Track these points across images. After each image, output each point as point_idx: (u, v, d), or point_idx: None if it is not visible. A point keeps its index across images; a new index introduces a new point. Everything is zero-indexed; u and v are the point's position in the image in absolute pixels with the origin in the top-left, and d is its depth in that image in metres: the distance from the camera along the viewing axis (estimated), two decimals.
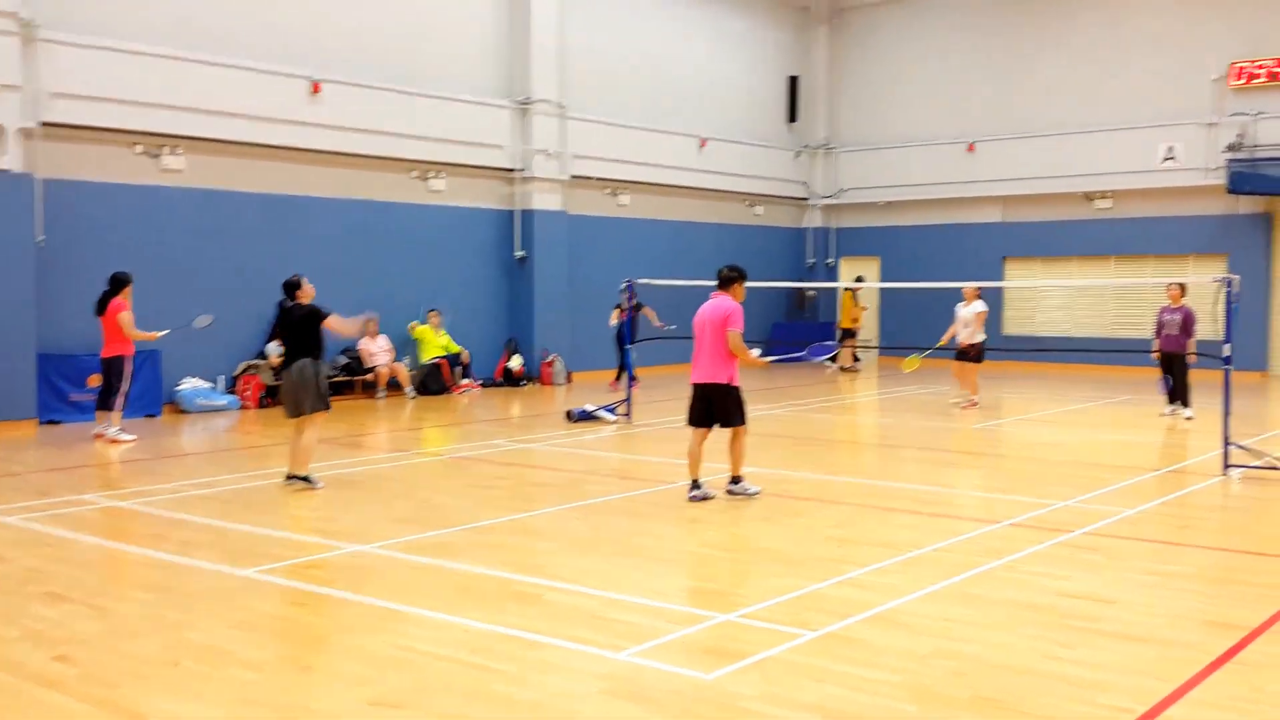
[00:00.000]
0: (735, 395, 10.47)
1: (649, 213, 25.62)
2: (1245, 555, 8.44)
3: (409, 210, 21.11)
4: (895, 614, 6.93)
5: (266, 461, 13.43)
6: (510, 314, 23.03)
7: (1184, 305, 16.57)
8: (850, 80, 29.57)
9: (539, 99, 22.61)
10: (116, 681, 5.90)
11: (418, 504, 10.62)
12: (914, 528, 9.53)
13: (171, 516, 9.98)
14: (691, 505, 10.36)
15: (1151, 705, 5.41)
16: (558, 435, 15.35)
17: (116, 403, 14.62)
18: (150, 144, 17.47)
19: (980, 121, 27.16)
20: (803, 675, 5.90)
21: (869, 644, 6.38)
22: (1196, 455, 13.40)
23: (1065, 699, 5.51)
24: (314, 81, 19.10)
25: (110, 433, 14.57)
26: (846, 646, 6.35)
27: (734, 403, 10.47)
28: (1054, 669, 5.93)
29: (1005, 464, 13.07)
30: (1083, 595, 7.30)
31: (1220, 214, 24.11)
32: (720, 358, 10.38)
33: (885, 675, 5.88)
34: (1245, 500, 10.55)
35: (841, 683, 5.78)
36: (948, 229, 27.69)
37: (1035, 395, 20.64)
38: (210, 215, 18.20)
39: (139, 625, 6.83)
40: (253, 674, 6.00)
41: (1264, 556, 8.40)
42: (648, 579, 7.84)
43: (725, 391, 10.44)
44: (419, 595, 7.46)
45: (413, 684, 5.82)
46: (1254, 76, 23.29)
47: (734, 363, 10.40)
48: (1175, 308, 16.56)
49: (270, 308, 18.77)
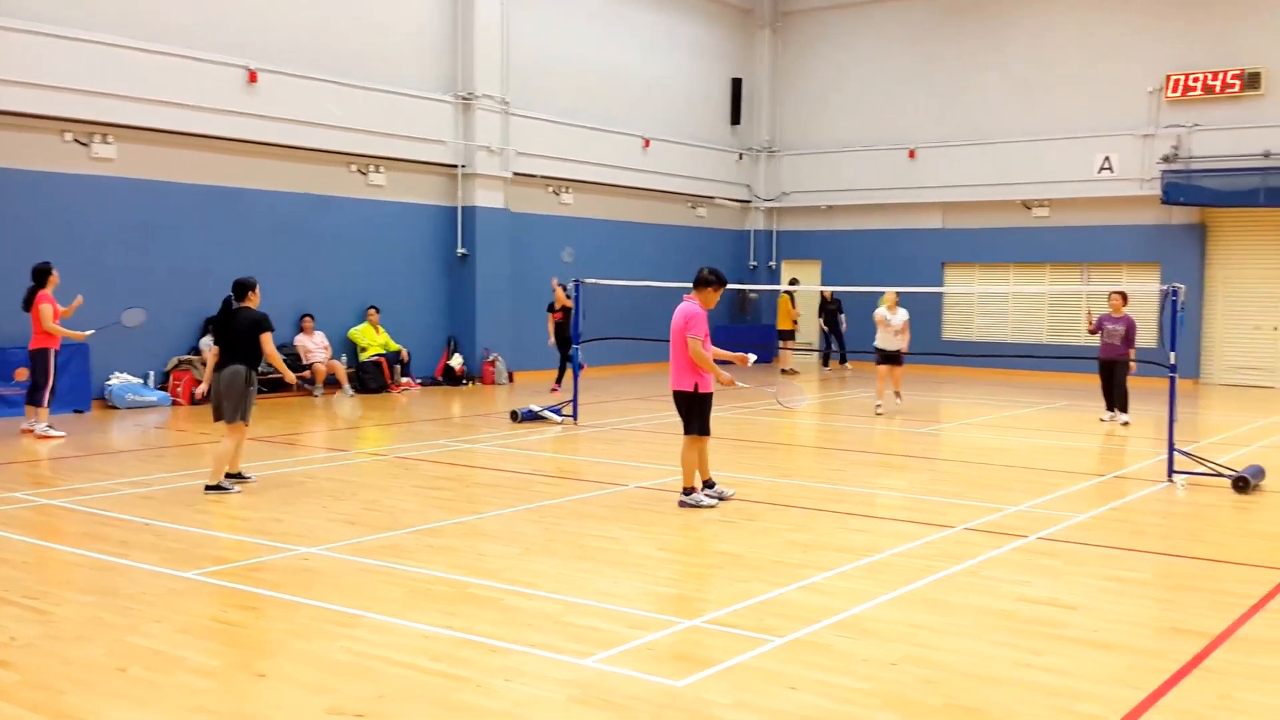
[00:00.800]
0: (698, 402, 10.15)
1: (592, 212, 25.47)
2: (1199, 561, 8.47)
3: (348, 205, 20.77)
4: (861, 620, 6.85)
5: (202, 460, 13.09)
6: (451, 312, 22.75)
7: (1126, 314, 16.83)
8: (793, 84, 29.63)
9: (482, 94, 22.37)
10: (61, 688, 5.64)
11: (363, 505, 10.38)
12: (870, 532, 9.48)
13: (107, 515, 9.67)
14: (646, 509, 10.24)
15: (1125, 713, 5.37)
16: (502, 435, 15.15)
17: (42, 398, 14.27)
18: (80, 131, 17.00)
19: (922, 128, 27.34)
20: (774, 683, 5.79)
21: (837, 650, 6.29)
22: (1139, 461, 13.54)
23: (1041, 707, 5.45)
24: (251, 70, 18.71)
25: (39, 429, 14.20)
26: (815, 653, 6.25)
27: (695, 410, 10.17)
28: (1026, 677, 5.88)
29: (953, 468, 13.08)
30: (1045, 601, 7.27)
31: (1155, 224, 24.46)
32: (682, 363, 10.15)
33: (857, 683, 5.79)
34: (1192, 506, 10.63)
35: (814, 691, 5.68)
36: (888, 234, 27.84)
37: (975, 400, 20.78)
38: (143, 206, 17.76)
39: (81, 629, 6.56)
40: (205, 681, 5.77)
41: (1217, 563, 8.44)
42: (607, 583, 7.69)
43: (689, 398, 10.19)
44: (372, 599, 7.25)
45: (373, 692, 5.63)
46: (1189, 89, 23.65)
47: (699, 369, 10.09)
48: (1118, 317, 16.79)
49: (204, 303, 18.42)
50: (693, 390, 10.14)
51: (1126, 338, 16.66)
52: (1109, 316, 16.91)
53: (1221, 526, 9.88)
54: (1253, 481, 11.07)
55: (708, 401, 10.23)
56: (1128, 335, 16.67)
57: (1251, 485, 11.04)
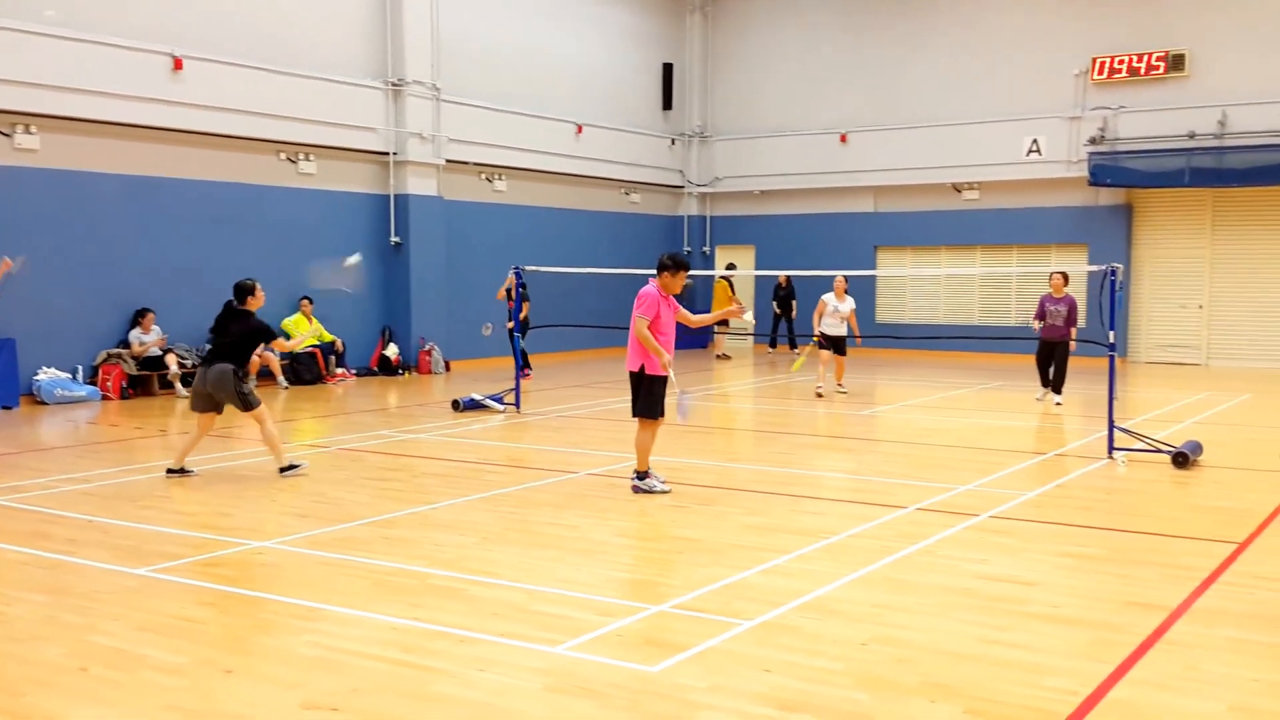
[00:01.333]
0: (648, 384, 10.07)
1: (526, 199, 25.33)
2: (1148, 536, 8.64)
3: (278, 194, 20.46)
4: (826, 601, 6.89)
5: (140, 455, 12.90)
6: (386, 302, 22.53)
7: (1068, 294, 16.84)
8: (724, 69, 29.69)
9: (413, 80, 22.15)
10: (20, 689, 5.51)
11: (311, 498, 10.24)
12: (824, 514, 9.54)
13: (49, 513, 9.45)
14: (600, 495, 10.22)
15: (1095, 686, 5.46)
16: (445, 425, 15.03)
17: None
18: (2, 122, 16.56)
19: (853, 113, 27.54)
20: (747, 665, 5.81)
21: (806, 632, 6.32)
22: (1078, 439, 13.77)
23: (1011, 683, 5.52)
24: (175, 57, 18.34)
25: None
26: (784, 635, 6.28)
27: (645, 392, 10.10)
28: (994, 653, 5.95)
29: (898, 449, 13.20)
30: (1004, 578, 7.37)
31: (1082, 205, 24.89)
32: (634, 345, 10.08)
33: (829, 664, 5.82)
34: (1135, 482, 10.82)
35: (787, 673, 5.70)
36: (821, 218, 28.03)
37: (910, 382, 21.00)
38: (68, 197, 17.36)
39: (37, 628, 6.41)
40: (171, 679, 5.65)
41: (1166, 537, 8.61)
42: (569, 571, 7.67)
43: (638, 379, 10.13)
44: (333, 592, 7.16)
45: (344, 685, 5.56)
46: (1115, 71, 24.04)
47: (647, 352, 10.01)
48: (1059, 297, 16.76)
49: (132, 296, 18.12)
50: (639, 371, 10.06)
51: (1069, 318, 16.70)
52: (1050, 297, 16.85)
53: (1165, 501, 10.09)
54: (1191, 457, 11.31)
55: (658, 384, 10.13)
56: (1070, 315, 16.70)
57: (1190, 461, 11.28)
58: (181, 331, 18.77)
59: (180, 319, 18.74)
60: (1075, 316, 16.84)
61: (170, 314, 18.52)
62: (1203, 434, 13.04)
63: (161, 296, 18.47)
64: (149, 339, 17.98)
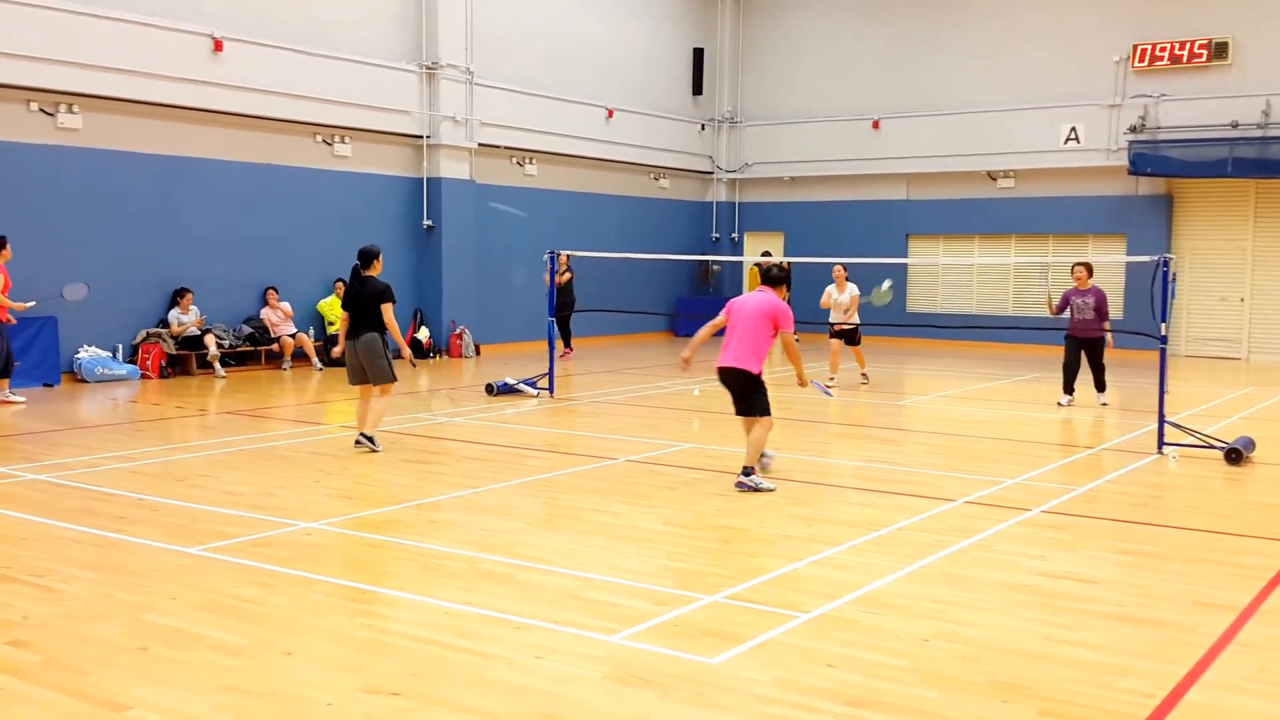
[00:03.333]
0: (761, 386, 10.15)
1: (555, 183, 25.23)
2: (1207, 534, 8.51)
3: (314, 175, 20.42)
4: (883, 595, 6.80)
5: (182, 434, 12.91)
6: (417, 285, 22.48)
7: (1094, 286, 15.55)
8: (755, 54, 29.49)
9: (447, 64, 22.07)
10: (84, 668, 5.47)
11: (354, 479, 10.21)
12: (872, 505, 9.43)
13: (98, 490, 9.45)
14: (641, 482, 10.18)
15: (1170, 689, 5.35)
16: (479, 409, 14.98)
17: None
18: (46, 101, 16.56)
19: (885, 98, 27.31)
20: (809, 659, 5.73)
21: (866, 626, 6.23)
22: (1125, 433, 13.57)
23: (1084, 684, 5.42)
24: (216, 39, 18.31)
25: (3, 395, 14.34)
26: (843, 629, 6.19)
27: (759, 393, 10.15)
28: (1063, 652, 5.85)
29: (938, 441, 13.09)
30: (1064, 575, 7.26)
31: (1121, 194, 24.61)
32: (754, 349, 10.06)
33: (893, 659, 5.74)
34: (1187, 478, 10.66)
35: (851, 668, 5.62)
36: (852, 205, 27.83)
37: (944, 373, 20.85)
38: (108, 177, 17.37)
39: (95, 607, 6.39)
40: (231, 659, 5.62)
41: (1225, 535, 8.48)
42: (619, 558, 7.61)
43: (753, 381, 10.09)
44: (383, 575, 7.14)
45: (404, 669, 5.51)
46: (1156, 58, 23.74)
47: (764, 356, 10.15)
48: (1085, 290, 15.41)
49: (171, 275, 18.17)
50: (756, 374, 10.07)
51: (1099, 310, 15.32)
52: (1075, 290, 15.48)
53: (1221, 498, 9.94)
54: (1245, 453, 11.16)
55: (764, 385, 10.19)
56: (1099, 308, 15.30)
57: (1244, 457, 11.13)
58: (219, 312, 18.80)
59: (218, 299, 18.78)
60: (1106, 309, 15.43)
61: (208, 294, 18.54)
62: (1251, 429, 12.87)
63: (200, 277, 18.50)
64: (187, 319, 17.99)
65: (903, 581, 7.10)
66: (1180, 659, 5.73)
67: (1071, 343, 15.63)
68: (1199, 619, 6.38)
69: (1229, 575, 7.29)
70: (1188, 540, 8.32)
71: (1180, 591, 6.95)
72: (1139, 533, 8.51)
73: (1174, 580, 7.19)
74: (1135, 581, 7.19)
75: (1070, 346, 15.66)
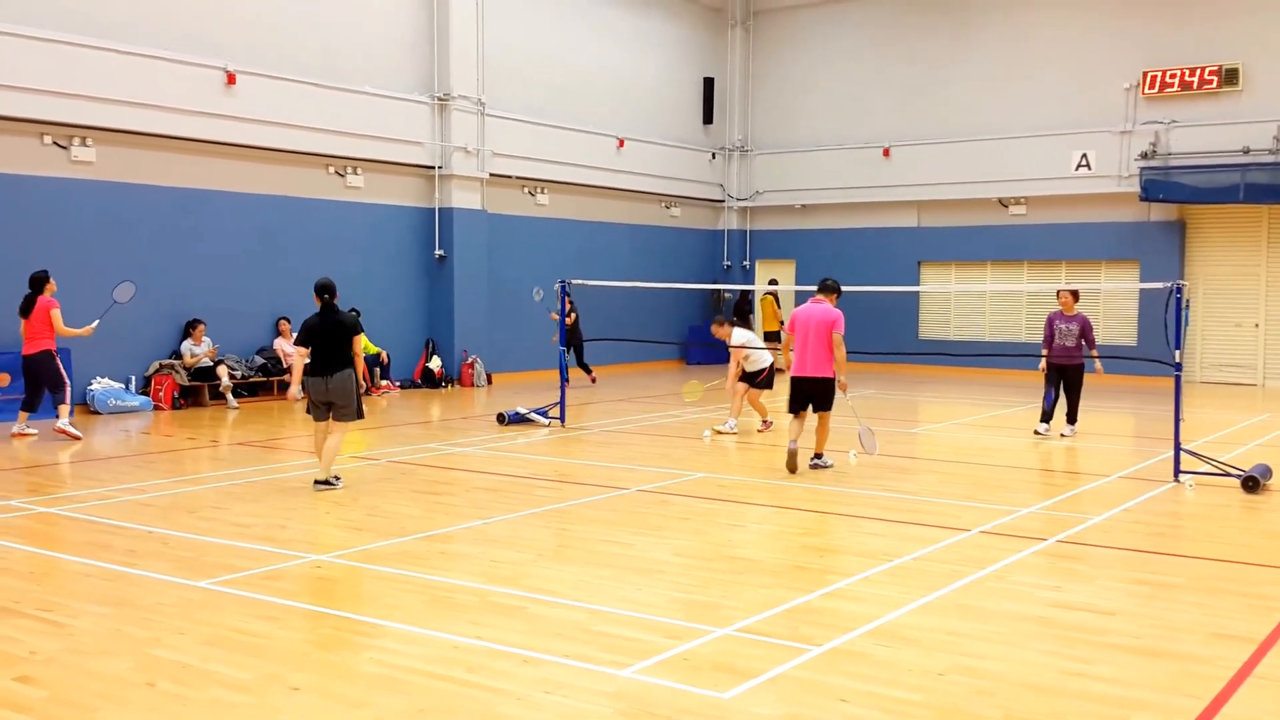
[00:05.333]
0: (833, 387, 12.14)
1: (567, 213, 25.30)
2: (1225, 564, 8.41)
3: (326, 207, 20.50)
4: (896, 627, 6.73)
5: (194, 466, 12.90)
6: (429, 314, 22.52)
7: (1079, 313, 15.43)
8: (765, 83, 29.56)
9: (458, 95, 22.16)
10: (91, 705, 5.44)
11: (365, 511, 10.17)
12: (885, 535, 9.36)
13: (108, 524, 9.42)
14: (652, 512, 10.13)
15: None
16: (491, 438, 14.95)
17: (65, 396, 14.61)
18: (59, 134, 16.66)
19: (896, 126, 27.33)
20: (821, 694, 5.66)
21: (879, 660, 6.16)
22: (1137, 461, 13.49)
23: (1101, 718, 5.34)
24: (229, 72, 18.42)
25: (61, 424, 14.47)
26: (856, 663, 6.12)
27: (831, 393, 12.16)
28: (1080, 686, 5.77)
29: (952, 469, 13.01)
30: (1081, 607, 7.18)
31: (1133, 221, 24.55)
32: (824, 355, 11.98)
33: (907, 694, 5.66)
34: (1204, 507, 10.56)
35: (865, 702, 5.55)
36: (863, 233, 27.82)
37: (956, 400, 20.76)
38: (122, 209, 17.46)
39: (103, 642, 6.34)
40: (239, 695, 5.57)
41: (1243, 565, 8.38)
42: (630, 590, 7.55)
43: (828, 384, 12.07)
44: (393, 608, 7.07)
45: (411, 706, 5.45)
46: (1167, 85, 23.73)
47: (833, 359, 11.97)
48: (1070, 315, 15.27)
49: (183, 307, 18.22)
50: (830, 377, 12.07)
51: (1083, 337, 15.16)
52: (1060, 315, 15.33)
53: (1239, 527, 9.83)
54: (1262, 481, 11.06)
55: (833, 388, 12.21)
56: (1084, 334, 15.16)
57: (1261, 485, 11.03)
58: (232, 343, 18.85)
59: (230, 330, 18.82)
60: (1091, 336, 15.32)
61: (221, 325, 18.60)
62: (1267, 456, 12.77)
63: (212, 308, 18.55)
64: (200, 350, 18.03)
65: (917, 613, 7.02)
66: (1199, 692, 5.65)
67: (1051, 370, 15.36)
68: (1218, 651, 6.30)
69: (1248, 606, 7.21)
70: (1205, 570, 8.22)
71: (1198, 623, 6.86)
72: (1156, 563, 8.43)
73: (1192, 611, 7.10)
74: (1152, 613, 7.09)
75: (1049, 373, 15.39)
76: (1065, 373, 15.28)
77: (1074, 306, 15.42)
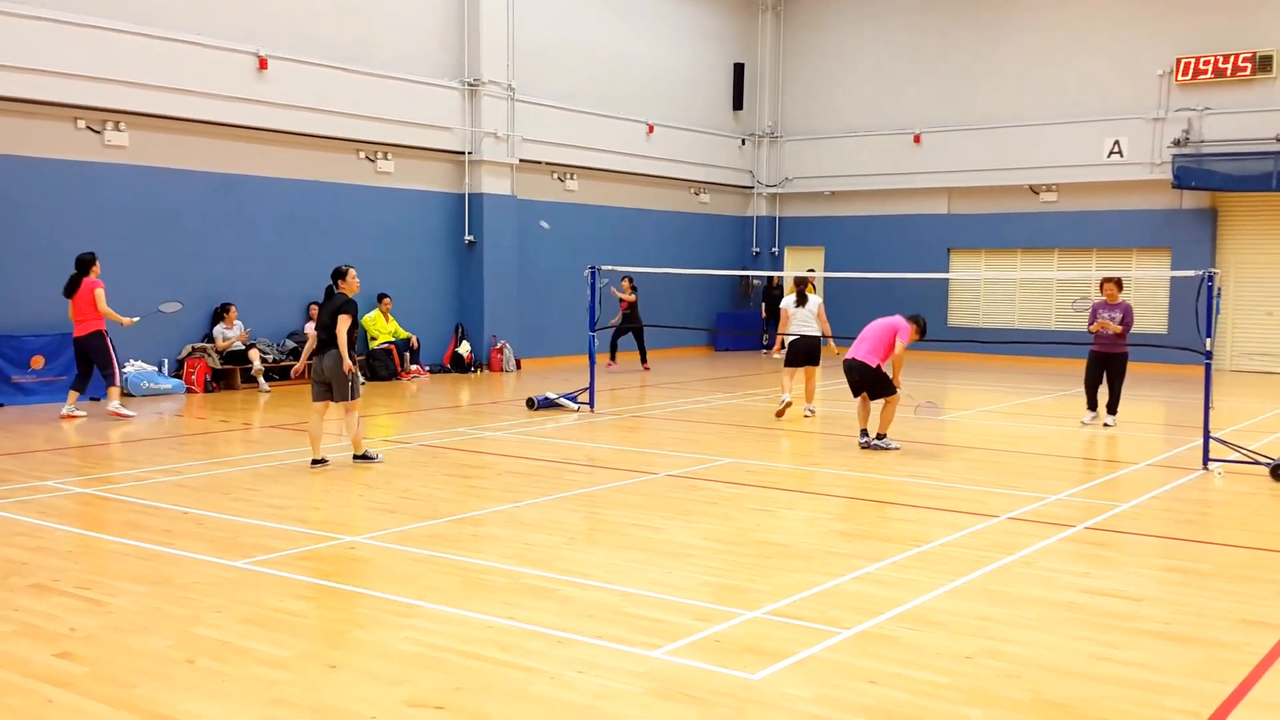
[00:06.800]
0: (883, 376, 13.06)
1: (596, 199, 25.36)
2: (1253, 551, 8.42)
3: (357, 192, 20.63)
4: (925, 612, 6.77)
5: (227, 448, 13.04)
6: (459, 299, 22.64)
7: (1122, 301, 15.26)
8: (796, 69, 29.51)
9: (489, 80, 22.22)
10: (131, 680, 5.54)
11: (397, 493, 10.28)
12: (913, 521, 9.41)
13: (144, 504, 9.57)
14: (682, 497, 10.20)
15: (1216, 708, 5.30)
16: (520, 423, 15.05)
17: (115, 377, 14.96)
18: (93, 119, 16.83)
19: (926, 113, 27.25)
20: (851, 676, 5.71)
21: (908, 643, 6.21)
22: (1166, 450, 13.48)
23: (1130, 703, 5.38)
24: (261, 57, 18.55)
25: (112, 406, 14.79)
26: (885, 646, 6.18)
27: (883, 382, 13.06)
28: (1108, 671, 5.81)
29: (981, 456, 13.02)
30: (1109, 593, 7.20)
31: (1165, 208, 24.42)
32: (879, 350, 12.97)
33: (935, 677, 5.71)
34: (1234, 495, 10.54)
35: (893, 684, 5.61)
36: (893, 220, 27.78)
37: (986, 388, 20.73)
38: (154, 194, 17.63)
39: (142, 620, 6.46)
40: (278, 672, 5.67)
41: (1270, 552, 8.38)
42: (660, 573, 7.62)
43: (876, 373, 13.00)
44: (427, 589, 7.17)
45: (448, 683, 5.55)
46: (1200, 72, 23.57)
47: (885, 359, 12.98)
48: (1114, 305, 15.12)
49: (215, 291, 18.42)
50: (877, 368, 12.98)
51: (1123, 325, 14.98)
52: (1104, 304, 15.18)
53: (1266, 514, 9.81)
54: None
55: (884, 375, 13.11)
56: (1124, 323, 14.99)
57: None
58: (263, 327, 19.03)
59: (262, 314, 19.00)
60: (1130, 321, 15.07)
61: (252, 309, 18.78)
62: None
63: (244, 292, 18.73)
64: (232, 334, 18.22)
65: (945, 598, 7.07)
66: (1227, 678, 5.68)
67: (1094, 358, 15.35)
68: (1245, 637, 6.32)
69: (1276, 592, 7.22)
70: (1234, 557, 8.23)
71: (1227, 609, 6.88)
72: (1184, 549, 8.44)
73: (1220, 598, 7.12)
74: (1181, 599, 7.12)
75: (1092, 362, 15.38)
76: (1109, 362, 15.21)
77: (1118, 295, 15.26)
